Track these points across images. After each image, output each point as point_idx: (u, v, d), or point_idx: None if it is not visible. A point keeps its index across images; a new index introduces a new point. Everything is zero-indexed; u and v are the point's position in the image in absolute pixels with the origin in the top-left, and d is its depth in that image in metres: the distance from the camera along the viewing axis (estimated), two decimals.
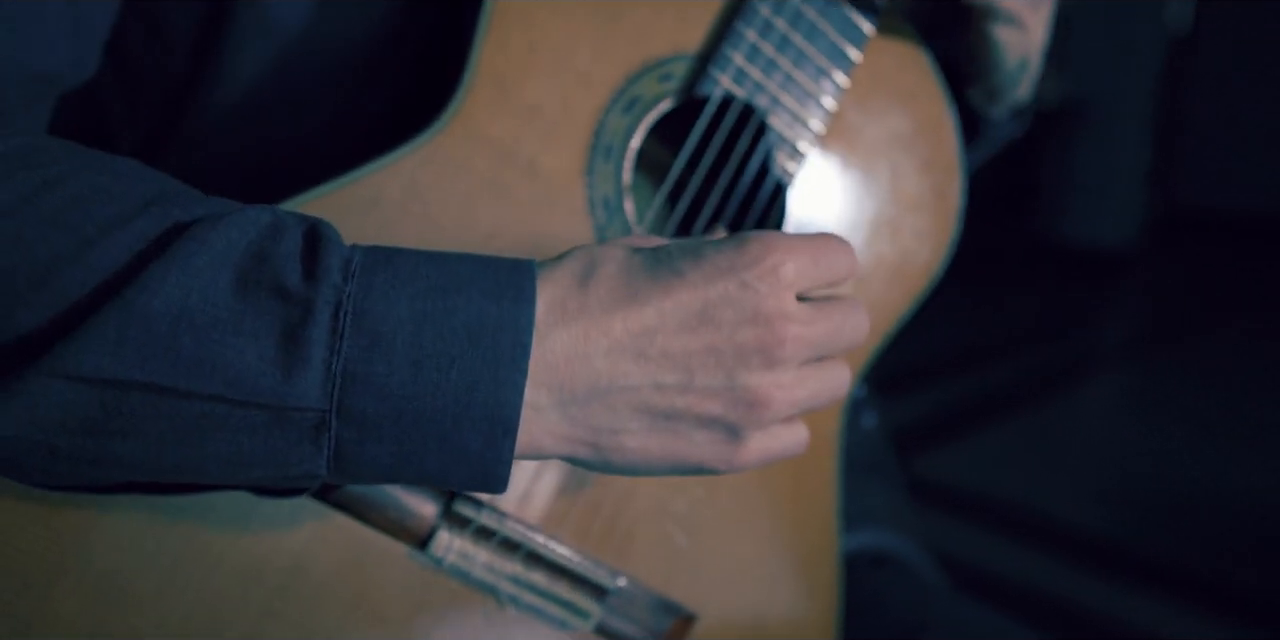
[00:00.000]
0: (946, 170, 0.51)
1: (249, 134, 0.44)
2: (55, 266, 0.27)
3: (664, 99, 0.42)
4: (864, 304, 0.35)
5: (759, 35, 0.42)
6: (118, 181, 0.30)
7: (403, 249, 0.30)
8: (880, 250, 0.49)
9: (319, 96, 0.44)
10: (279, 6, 0.41)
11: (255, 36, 0.41)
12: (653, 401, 0.31)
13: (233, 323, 0.27)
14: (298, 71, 0.42)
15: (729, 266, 0.31)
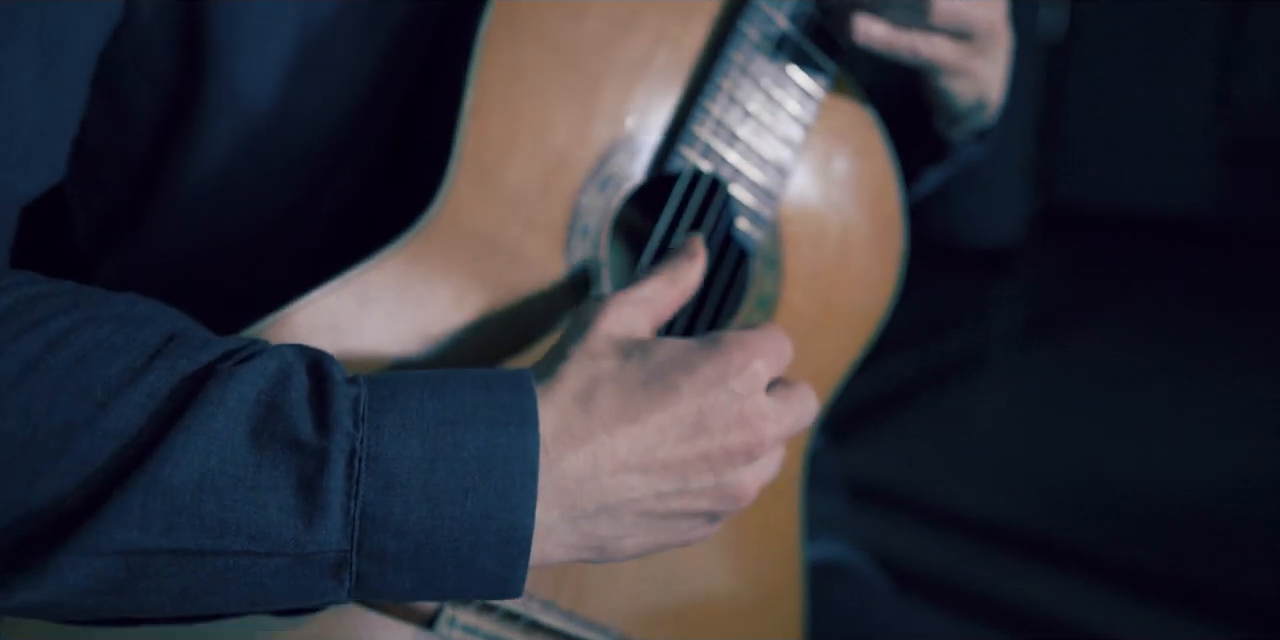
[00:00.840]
0: (891, 222, 0.54)
1: (217, 213, 0.43)
2: (70, 435, 0.28)
3: (635, 177, 0.43)
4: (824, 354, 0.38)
5: (722, 110, 0.44)
6: (119, 331, 0.30)
7: (404, 380, 0.31)
8: (861, 305, 0.52)
9: (287, 176, 0.43)
10: (249, 84, 0.41)
11: (224, 116, 0.41)
12: (653, 508, 0.33)
13: (252, 479, 0.28)
14: (266, 151, 0.42)
15: (718, 376, 0.34)
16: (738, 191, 0.46)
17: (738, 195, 0.46)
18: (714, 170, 0.45)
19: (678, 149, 0.44)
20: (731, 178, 0.45)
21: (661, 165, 0.44)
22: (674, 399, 0.33)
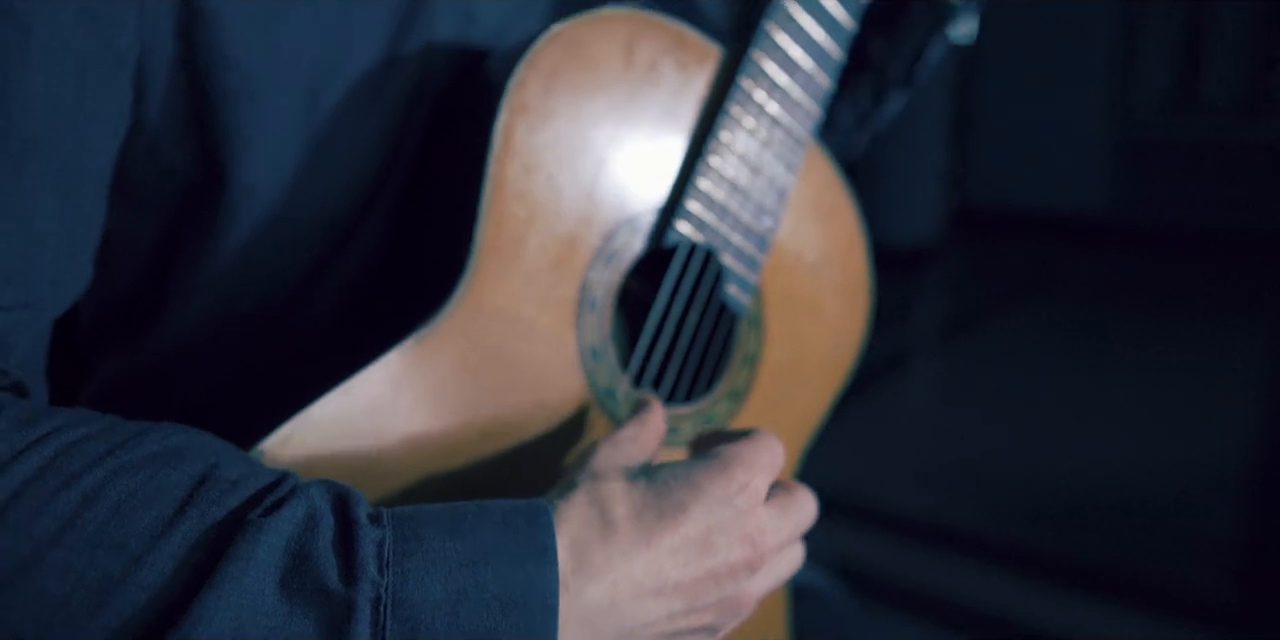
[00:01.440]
0: (858, 275, 0.58)
1: (233, 297, 0.45)
2: (107, 590, 0.29)
3: (637, 251, 0.47)
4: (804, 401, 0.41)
5: (713, 185, 0.48)
6: (152, 478, 0.31)
7: (427, 518, 0.33)
8: (832, 351, 0.56)
9: (298, 259, 0.45)
10: (261, 177, 0.42)
11: (239, 208, 0.43)
12: (665, 628, 0.35)
13: (283, 628, 0.29)
14: (279, 237, 0.44)
15: (722, 495, 0.36)
16: (727, 260, 0.49)
17: (727, 263, 0.49)
18: (706, 242, 0.48)
19: (674, 224, 0.47)
20: (722, 248, 0.49)
21: (659, 240, 0.47)
22: (683, 519, 0.35)
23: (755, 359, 0.52)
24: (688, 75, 0.48)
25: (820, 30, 0.51)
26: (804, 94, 0.51)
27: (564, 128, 0.43)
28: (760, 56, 0.48)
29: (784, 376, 0.54)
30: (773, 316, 0.53)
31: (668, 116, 0.47)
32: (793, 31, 0.49)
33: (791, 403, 0.55)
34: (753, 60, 0.48)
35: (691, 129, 0.48)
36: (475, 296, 0.41)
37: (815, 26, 0.50)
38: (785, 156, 0.51)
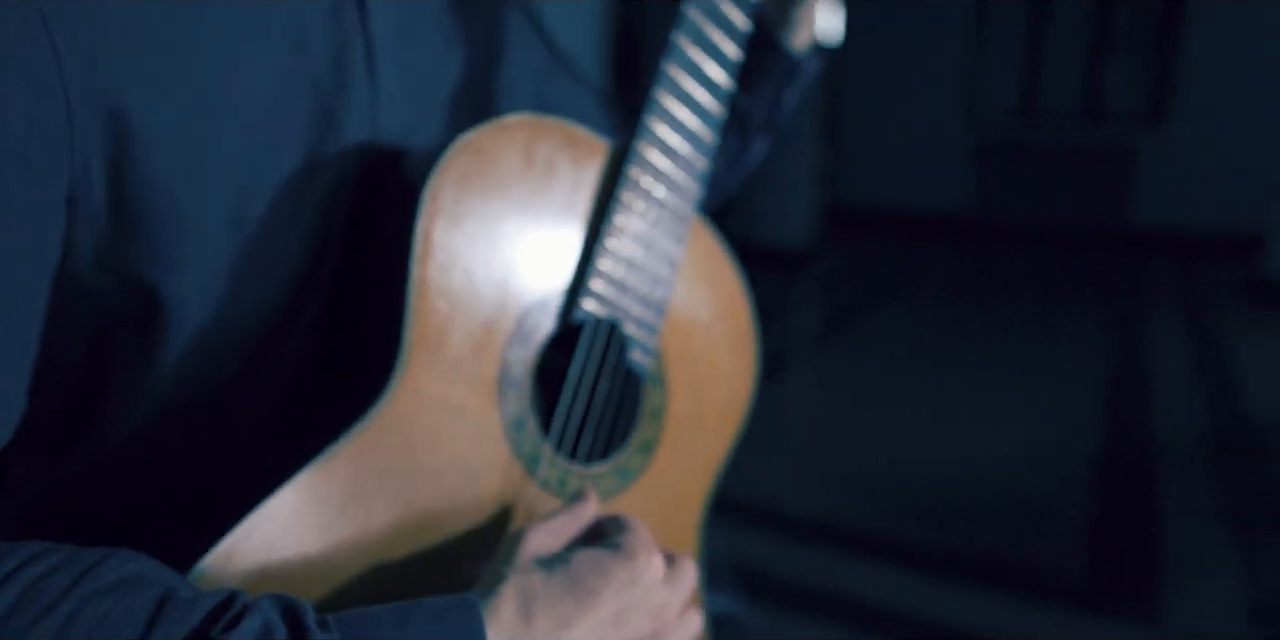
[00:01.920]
0: (744, 329, 0.65)
1: (168, 408, 0.47)
2: None
3: (550, 329, 0.52)
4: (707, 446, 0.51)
5: (612, 264, 0.54)
6: (119, 603, 0.35)
7: (370, 619, 0.38)
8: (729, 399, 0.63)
9: (230, 364, 0.48)
10: (193, 294, 0.45)
11: (171, 325, 0.44)
12: None
13: None
14: (212, 345, 0.46)
15: (629, 577, 0.43)
16: (630, 329, 0.55)
17: (630, 332, 0.55)
18: (610, 315, 0.54)
19: (580, 303, 0.52)
20: (624, 319, 0.55)
21: (568, 318, 0.52)
22: (596, 603, 0.42)
23: (661, 413, 0.58)
24: (581, 169, 0.53)
25: (695, 118, 0.57)
26: (684, 176, 0.57)
27: (476, 227, 0.48)
28: (644, 147, 0.54)
29: (688, 426, 0.60)
30: (673, 373, 0.59)
31: (567, 208, 0.53)
32: (671, 123, 0.56)
33: (696, 449, 0.61)
34: (638, 151, 0.54)
35: (589, 216, 0.53)
36: (409, 385, 0.45)
37: (690, 116, 0.57)
38: (673, 232, 0.57)
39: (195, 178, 0.44)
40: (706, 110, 0.58)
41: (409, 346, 0.45)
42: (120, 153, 0.42)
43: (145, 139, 0.42)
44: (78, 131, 0.41)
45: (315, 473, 0.43)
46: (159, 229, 0.43)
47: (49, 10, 0.39)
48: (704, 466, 0.63)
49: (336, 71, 0.50)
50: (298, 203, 0.48)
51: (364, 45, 0.52)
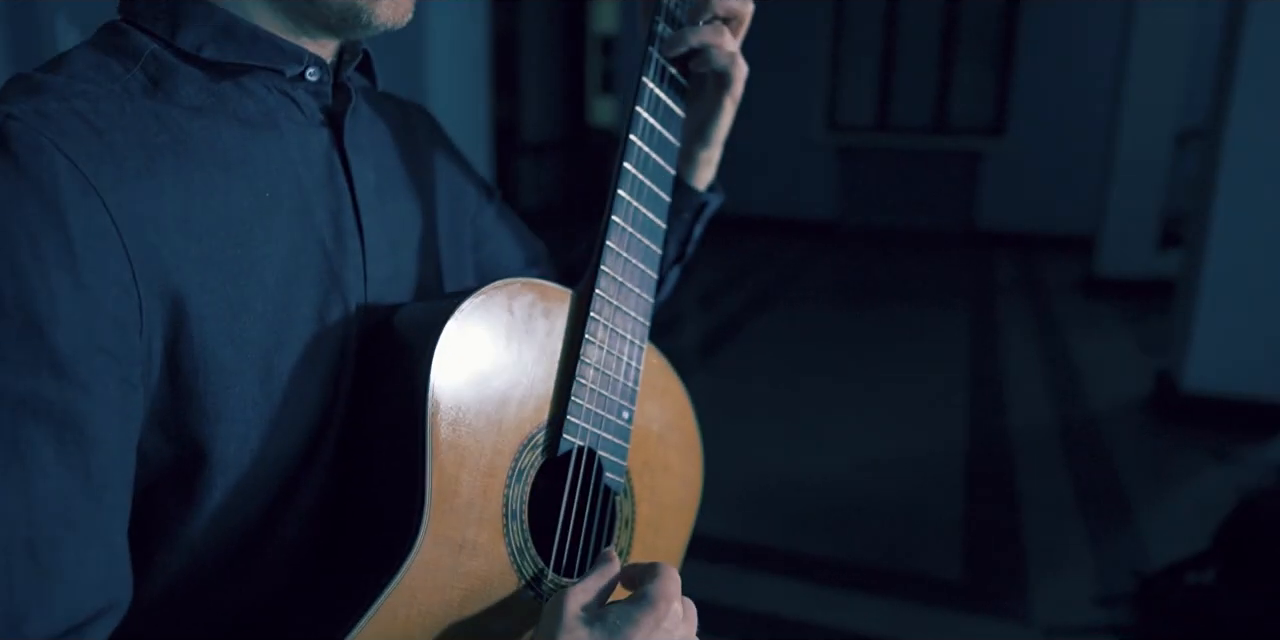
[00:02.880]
0: (691, 435, 0.75)
1: (195, 554, 0.53)
2: None
3: (538, 463, 0.60)
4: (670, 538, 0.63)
5: (584, 400, 0.62)
6: None
7: None
8: (684, 498, 0.72)
9: (258, 505, 0.54)
10: (229, 447, 0.52)
11: (213, 474, 0.52)
12: None
13: None
14: (245, 489, 0.53)
15: (654, 622, 0.52)
16: (603, 454, 0.64)
17: (603, 455, 0.64)
18: (588, 445, 0.62)
19: (562, 436, 0.61)
20: (598, 445, 0.63)
21: (553, 451, 0.61)
22: None
23: (631, 520, 0.67)
24: (552, 318, 0.61)
25: (642, 261, 0.66)
26: (637, 311, 0.66)
27: (476, 386, 0.56)
28: (601, 288, 0.63)
29: (651, 529, 0.69)
30: (637, 483, 0.68)
31: (544, 353, 0.61)
32: (622, 267, 0.64)
33: (659, 547, 0.70)
34: (598, 294, 0.63)
35: (563, 357, 0.62)
36: (434, 532, 0.53)
37: (638, 258, 0.66)
38: (631, 360, 0.66)
39: (235, 343, 0.51)
40: (651, 250, 0.67)
41: (430, 500, 0.53)
42: (177, 331, 0.48)
43: (197, 317, 0.49)
44: (145, 320, 0.47)
45: (376, 620, 0.49)
46: (207, 391, 0.50)
47: (118, 217, 0.46)
48: (672, 555, 0.72)
49: (336, 233, 0.58)
50: (313, 355, 0.55)
51: (352, 205, 0.59)
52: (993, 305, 5.14)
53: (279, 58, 0.55)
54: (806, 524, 2.45)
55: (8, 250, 0.43)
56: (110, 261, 0.45)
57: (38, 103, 0.46)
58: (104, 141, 0.46)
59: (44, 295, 0.43)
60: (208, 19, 0.53)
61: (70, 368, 0.44)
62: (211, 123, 0.52)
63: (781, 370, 3.82)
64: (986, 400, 3.52)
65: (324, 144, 0.59)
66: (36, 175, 0.44)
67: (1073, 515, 2.53)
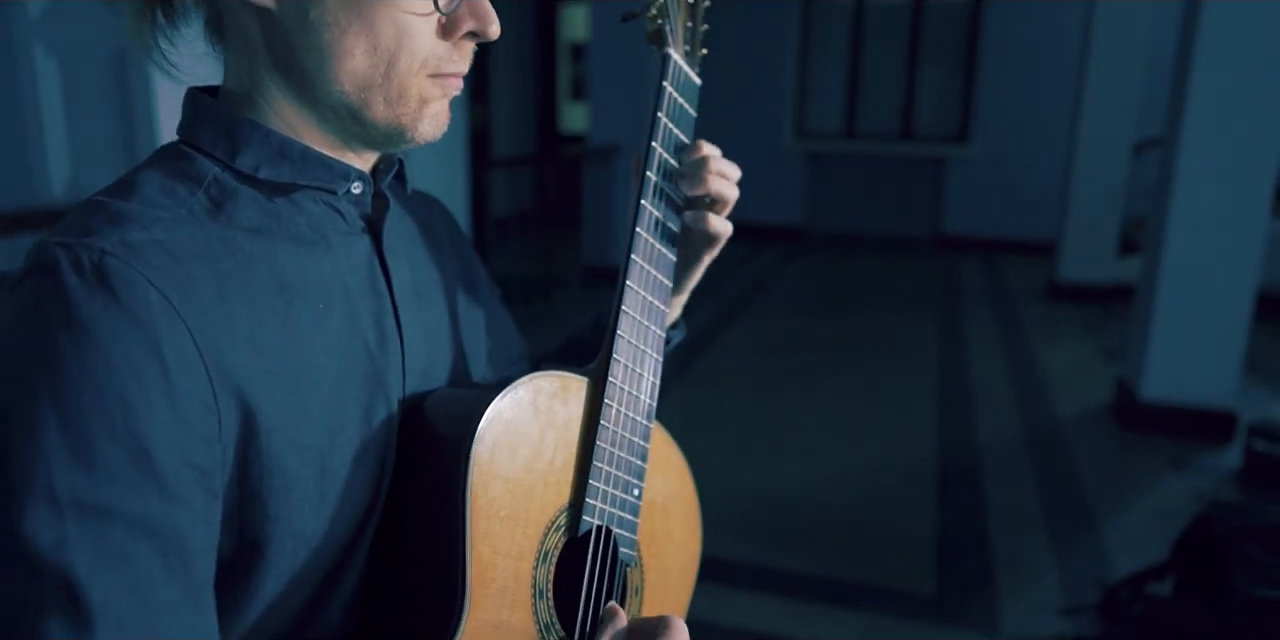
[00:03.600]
0: (691, 505, 0.81)
1: (271, 610, 0.59)
2: None
3: (561, 544, 0.65)
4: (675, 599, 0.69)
5: (600, 483, 0.68)
6: None
7: None
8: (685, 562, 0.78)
9: (309, 580, 0.59)
10: (299, 525, 0.57)
11: (274, 551, 0.57)
12: None
13: None
14: (300, 563, 0.58)
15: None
16: (617, 531, 0.69)
17: (618, 533, 0.70)
18: (605, 523, 0.68)
19: (582, 518, 0.66)
20: (613, 523, 0.69)
21: (574, 532, 0.66)
22: None
23: (640, 589, 0.73)
24: (570, 406, 0.67)
25: (650, 348, 0.72)
26: (645, 396, 0.72)
27: (506, 477, 0.61)
28: (614, 377, 0.69)
29: (658, 593, 0.75)
30: (645, 552, 0.74)
31: (563, 440, 0.66)
32: (634, 355, 0.70)
33: (668, 608, 0.76)
34: (610, 382, 0.69)
35: (579, 441, 0.67)
36: (474, 616, 0.58)
37: (647, 346, 0.72)
38: (640, 440, 0.72)
39: (297, 449, 0.56)
40: (657, 334, 0.73)
41: (470, 587, 0.58)
42: (248, 442, 0.54)
43: (265, 428, 0.54)
44: (223, 434, 0.52)
45: None
46: (270, 494, 0.55)
47: (201, 343, 0.51)
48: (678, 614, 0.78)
49: (378, 336, 0.63)
50: (361, 454, 0.60)
51: (392, 307, 0.65)
52: (959, 311, 5.26)
53: (329, 176, 0.60)
54: (780, 539, 2.52)
55: (116, 382, 0.47)
56: (197, 384, 0.50)
57: (124, 234, 0.51)
58: (183, 270, 0.51)
59: (148, 421, 0.48)
60: (264, 142, 0.58)
61: (172, 486, 0.49)
62: (270, 245, 0.57)
63: (753, 382, 3.89)
64: (955, 410, 3.61)
65: (365, 250, 0.64)
66: (134, 310, 0.48)
67: (1039, 526, 2.63)
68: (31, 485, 0.46)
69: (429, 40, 0.58)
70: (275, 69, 0.58)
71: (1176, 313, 3.28)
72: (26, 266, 0.50)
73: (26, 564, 0.45)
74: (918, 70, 7.14)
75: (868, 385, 3.86)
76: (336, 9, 0.55)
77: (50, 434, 0.46)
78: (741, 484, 2.85)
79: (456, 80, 0.60)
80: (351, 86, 0.57)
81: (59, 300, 0.47)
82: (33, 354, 0.47)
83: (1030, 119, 6.85)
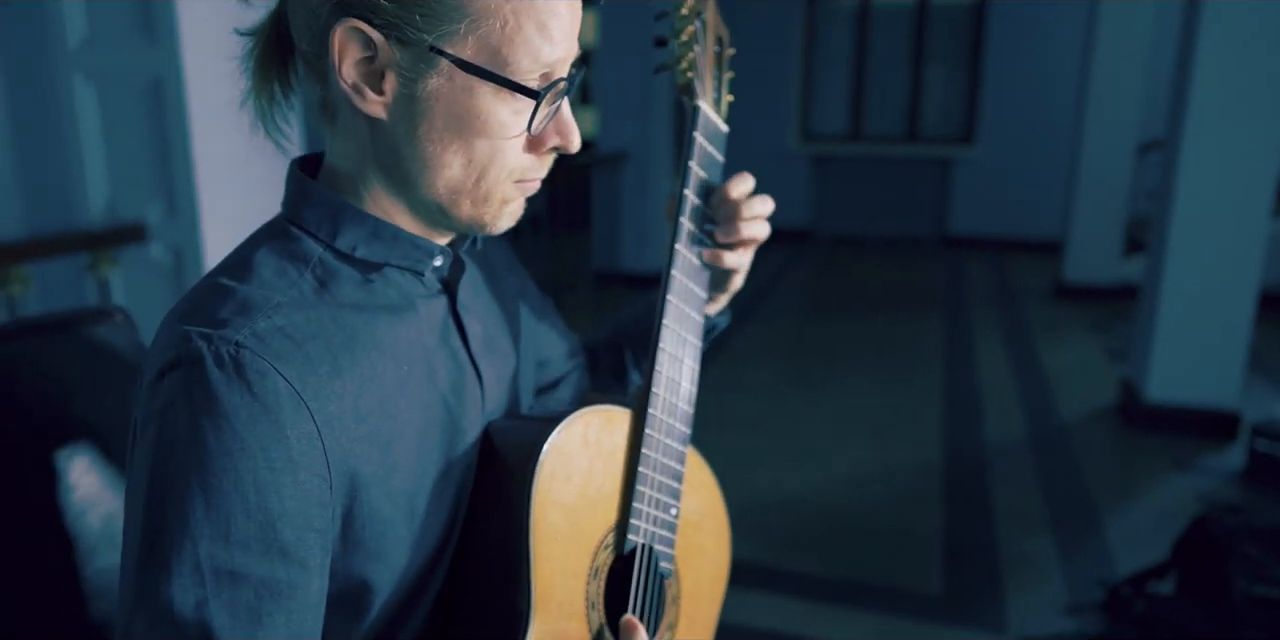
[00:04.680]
0: (722, 521, 0.89)
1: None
2: None
3: (609, 561, 0.74)
4: (706, 611, 0.77)
5: (643, 504, 0.76)
6: None
7: None
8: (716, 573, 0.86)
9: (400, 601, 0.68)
10: (386, 577, 0.65)
11: (370, 602, 0.66)
12: None
13: None
14: (381, 614, 0.67)
15: None
16: (658, 547, 0.78)
17: (659, 549, 0.78)
18: (646, 541, 0.77)
19: (627, 537, 0.75)
20: (654, 541, 0.77)
21: (620, 550, 0.75)
22: None
23: (677, 598, 0.82)
24: (615, 437, 0.75)
25: (685, 381, 0.80)
26: (681, 424, 0.80)
27: (562, 505, 0.70)
28: (654, 408, 0.77)
29: (692, 602, 0.84)
30: (681, 566, 0.83)
31: (610, 468, 0.75)
32: (670, 387, 0.78)
33: (699, 616, 0.85)
34: (650, 414, 0.77)
35: (624, 469, 0.76)
36: (536, 628, 0.67)
37: (683, 379, 0.80)
38: (676, 464, 0.80)
39: (391, 498, 0.64)
40: (692, 368, 0.82)
41: (534, 603, 0.67)
42: (352, 499, 0.62)
43: (365, 485, 0.63)
44: (334, 496, 0.61)
45: None
46: (371, 539, 0.64)
47: (319, 420, 0.60)
48: (707, 625, 0.87)
49: (453, 387, 0.71)
50: (442, 490, 0.69)
51: (470, 361, 0.73)
52: (966, 312, 5.33)
53: (416, 254, 0.69)
54: (789, 540, 2.59)
55: (249, 463, 0.56)
56: (315, 458, 0.59)
57: (253, 324, 0.59)
58: (303, 352, 0.60)
59: (275, 497, 0.57)
60: (361, 224, 0.67)
61: (294, 551, 0.57)
62: (370, 317, 0.65)
63: (761, 384, 3.96)
64: (961, 411, 3.68)
65: (442, 310, 0.72)
66: (265, 398, 0.57)
67: (1045, 526, 2.70)
68: (179, 554, 0.54)
69: (517, 154, 0.65)
70: (379, 167, 0.66)
71: (1180, 313, 3.34)
72: (174, 355, 0.57)
73: (173, 622, 0.54)
74: (923, 72, 7.20)
75: (875, 386, 3.93)
76: (441, 128, 0.62)
77: (196, 511, 0.55)
78: (751, 485, 2.92)
79: (536, 183, 0.68)
80: (444, 190, 0.65)
81: (204, 391, 0.56)
82: (183, 440, 0.56)
83: (1035, 120, 6.91)
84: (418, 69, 0.60)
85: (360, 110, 0.63)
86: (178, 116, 2.14)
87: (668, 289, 0.78)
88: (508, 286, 0.85)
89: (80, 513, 0.86)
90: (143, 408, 0.59)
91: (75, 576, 0.85)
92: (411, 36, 0.59)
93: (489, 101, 0.62)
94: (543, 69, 0.62)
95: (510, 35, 0.60)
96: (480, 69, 0.61)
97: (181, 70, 2.11)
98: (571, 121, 0.67)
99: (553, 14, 0.61)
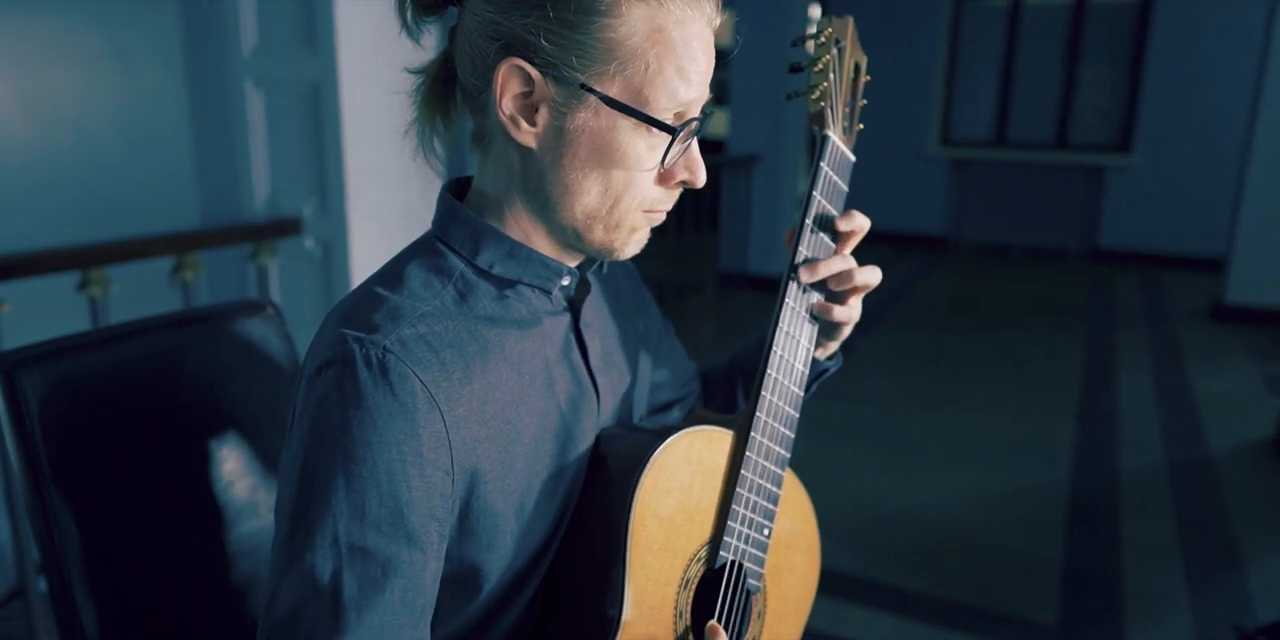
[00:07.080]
0: (813, 540, 0.92)
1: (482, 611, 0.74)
2: None
3: (700, 573, 0.78)
4: (790, 627, 0.80)
5: (737, 522, 0.79)
6: None
7: None
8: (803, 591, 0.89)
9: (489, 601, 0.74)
10: (495, 565, 0.71)
11: (478, 586, 0.72)
12: None
13: None
14: (486, 600, 0.73)
15: None
16: (749, 565, 0.81)
17: (749, 566, 0.81)
18: (737, 558, 0.80)
19: (719, 552, 0.78)
20: (744, 559, 0.81)
21: (711, 564, 0.78)
22: None
23: (763, 613, 0.85)
24: (716, 456, 0.79)
25: (789, 406, 0.83)
26: (781, 448, 0.83)
27: (660, 518, 0.74)
28: (756, 432, 0.80)
29: (777, 618, 0.86)
30: (769, 582, 0.85)
31: (708, 486, 0.78)
32: (774, 412, 0.81)
33: (784, 630, 0.87)
34: (753, 437, 0.80)
35: (723, 488, 0.79)
36: (626, 631, 0.71)
37: (786, 406, 0.82)
38: (773, 486, 0.83)
39: (505, 495, 0.70)
40: (795, 393, 0.84)
41: (627, 608, 0.71)
42: (470, 493, 0.69)
43: (483, 481, 0.69)
44: (455, 490, 0.67)
45: None
46: (483, 530, 0.70)
47: (449, 422, 0.66)
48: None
49: (570, 399, 0.77)
50: (551, 493, 0.74)
51: (589, 375, 0.78)
52: (1111, 330, 5.06)
53: (546, 274, 0.75)
54: (897, 556, 2.55)
55: (385, 455, 0.63)
56: (441, 456, 0.65)
57: (399, 331, 0.66)
58: (440, 359, 0.66)
59: (404, 487, 0.63)
60: (499, 244, 0.73)
61: (418, 536, 0.64)
62: (502, 331, 0.72)
63: (884, 394, 3.89)
64: (1095, 435, 3.51)
65: (565, 326, 0.78)
66: (403, 398, 0.64)
67: (1176, 562, 2.56)
68: (322, 527, 0.62)
69: (649, 186, 0.71)
70: (524, 191, 0.72)
71: None
72: (332, 354, 0.65)
73: (312, 585, 0.62)
74: (1077, 74, 6.86)
75: (1003, 403, 3.80)
76: (584, 158, 0.68)
77: (339, 492, 0.62)
78: (862, 498, 2.88)
79: (663, 214, 0.74)
80: (581, 215, 0.71)
81: (354, 388, 0.63)
82: (333, 429, 0.63)
83: (1200, 126, 6.47)
84: (569, 104, 0.67)
85: (513, 139, 0.69)
86: (333, 121, 2.30)
87: (779, 318, 0.81)
88: (630, 309, 0.90)
89: (228, 485, 0.97)
90: (302, 396, 0.67)
91: (222, 540, 0.96)
92: (566, 75, 0.66)
93: (628, 136, 0.68)
94: (678, 108, 0.68)
95: (652, 77, 0.66)
96: (624, 106, 0.67)
97: (337, 78, 2.27)
98: (699, 159, 0.73)
99: (691, 59, 0.67)
